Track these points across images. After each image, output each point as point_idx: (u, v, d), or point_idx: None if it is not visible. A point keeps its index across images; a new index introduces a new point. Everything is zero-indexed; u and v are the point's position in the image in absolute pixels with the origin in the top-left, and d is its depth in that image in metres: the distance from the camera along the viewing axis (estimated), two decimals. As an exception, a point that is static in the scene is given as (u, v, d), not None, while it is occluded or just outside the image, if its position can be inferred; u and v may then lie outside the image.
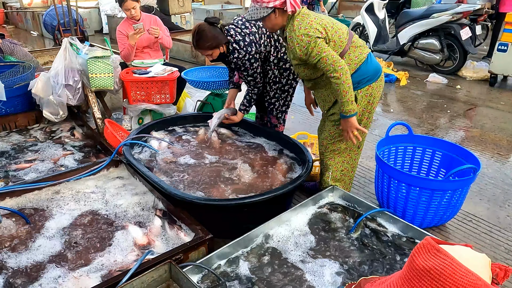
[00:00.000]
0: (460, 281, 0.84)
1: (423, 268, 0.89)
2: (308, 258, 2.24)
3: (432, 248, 0.91)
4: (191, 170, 2.98)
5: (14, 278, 2.03)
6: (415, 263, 0.91)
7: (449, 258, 0.87)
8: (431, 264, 0.88)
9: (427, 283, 0.88)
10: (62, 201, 2.68)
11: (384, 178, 2.75)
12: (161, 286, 1.95)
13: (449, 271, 0.85)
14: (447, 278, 0.85)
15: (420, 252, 0.92)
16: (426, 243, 0.93)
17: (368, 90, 2.56)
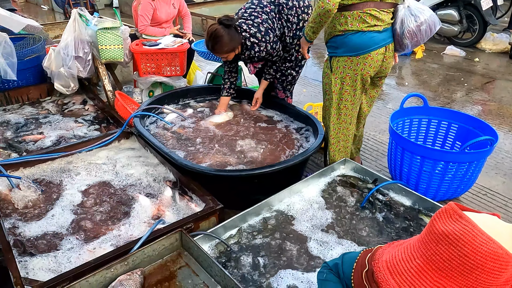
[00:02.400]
0: (480, 247, 0.81)
1: (441, 233, 0.86)
2: (318, 229, 2.23)
3: (454, 214, 0.87)
4: (202, 142, 2.97)
5: (29, 247, 2.07)
6: (434, 227, 0.88)
7: (470, 224, 0.84)
8: (451, 229, 0.85)
9: (444, 247, 0.85)
10: (75, 171, 2.70)
11: (398, 151, 2.69)
12: (172, 254, 1.97)
13: (469, 237, 0.82)
14: (466, 244, 0.82)
15: (441, 217, 0.89)
16: (448, 208, 0.90)
17: (347, 62, 2.50)
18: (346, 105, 2.67)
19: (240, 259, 2.00)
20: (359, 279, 1.17)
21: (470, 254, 0.82)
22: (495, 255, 0.80)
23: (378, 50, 2.47)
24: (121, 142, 3.09)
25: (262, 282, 1.88)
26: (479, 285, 0.82)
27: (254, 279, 1.90)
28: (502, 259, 0.80)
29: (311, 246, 2.11)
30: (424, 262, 0.87)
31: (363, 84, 2.60)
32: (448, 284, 0.84)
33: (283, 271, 1.95)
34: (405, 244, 0.98)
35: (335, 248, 2.10)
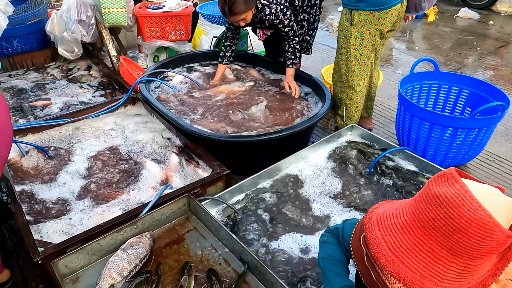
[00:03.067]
0: (466, 212, 0.81)
1: (433, 194, 0.86)
2: (324, 195, 2.24)
3: (451, 178, 0.87)
4: (209, 107, 2.95)
5: (40, 211, 2.12)
6: (429, 188, 0.89)
7: (463, 189, 0.83)
8: (443, 191, 0.85)
9: (433, 207, 0.86)
10: (83, 137, 2.71)
11: (406, 117, 2.66)
12: (180, 218, 2.01)
13: (458, 201, 0.82)
14: (453, 207, 0.82)
15: (438, 179, 0.89)
16: (447, 172, 0.90)
17: (369, 17, 2.52)
18: (363, 60, 2.68)
19: (246, 223, 2.04)
20: (357, 243, 1.18)
21: (455, 216, 0.82)
22: (481, 222, 0.80)
23: (397, 5, 2.50)
24: (127, 108, 3.08)
25: (269, 245, 1.92)
26: (460, 247, 0.83)
27: (260, 242, 1.94)
28: (488, 227, 0.80)
29: (317, 211, 2.13)
30: (410, 219, 0.89)
31: (380, 38, 2.64)
32: (429, 242, 0.86)
33: (289, 234, 1.98)
34: (400, 202, 1.00)
35: (340, 213, 2.12)
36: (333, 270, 1.31)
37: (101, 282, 1.62)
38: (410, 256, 0.87)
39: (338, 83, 2.88)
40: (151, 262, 1.76)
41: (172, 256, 1.80)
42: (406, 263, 0.87)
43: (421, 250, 0.86)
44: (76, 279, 1.68)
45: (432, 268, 0.86)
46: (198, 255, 1.80)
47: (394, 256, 0.88)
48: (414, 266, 0.87)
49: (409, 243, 0.88)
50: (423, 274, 0.86)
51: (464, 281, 0.87)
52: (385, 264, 0.89)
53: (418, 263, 0.87)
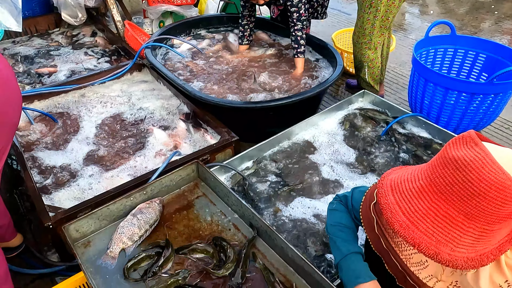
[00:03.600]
0: (487, 176, 0.77)
1: (451, 157, 0.82)
2: (334, 161, 2.21)
3: (470, 141, 0.83)
4: (217, 74, 2.89)
5: (49, 177, 2.12)
6: (447, 151, 0.84)
7: (483, 152, 0.79)
8: (462, 154, 0.80)
9: (451, 171, 0.81)
10: (89, 104, 2.69)
11: (420, 82, 2.57)
12: (189, 184, 1.99)
13: (478, 164, 0.78)
14: (472, 170, 0.78)
15: (456, 142, 0.85)
16: (466, 135, 0.85)
17: None
18: (388, 16, 2.64)
19: (255, 189, 2.02)
20: (367, 211, 1.16)
21: (474, 180, 0.78)
22: (502, 186, 0.76)
23: None
24: (133, 75, 3.03)
25: (278, 211, 1.91)
26: (477, 212, 0.80)
27: (269, 208, 1.93)
28: (509, 191, 0.76)
29: (326, 177, 2.11)
30: (427, 184, 0.85)
31: None
32: (445, 207, 0.83)
33: (298, 199, 1.97)
34: (415, 167, 0.96)
35: (350, 179, 2.09)
36: (342, 236, 1.29)
37: (112, 247, 1.63)
38: (426, 221, 0.84)
39: (358, 45, 2.80)
40: (163, 227, 1.76)
41: (181, 221, 1.80)
42: (422, 228, 0.84)
43: (437, 215, 0.83)
44: (88, 243, 1.69)
45: (448, 233, 0.83)
46: (208, 221, 1.80)
47: (409, 221, 0.85)
48: (430, 232, 0.84)
49: (424, 208, 0.85)
50: (439, 239, 0.84)
51: (480, 246, 0.84)
52: (400, 230, 0.86)
53: (434, 228, 0.84)
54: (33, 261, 1.92)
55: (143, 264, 1.59)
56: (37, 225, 2.09)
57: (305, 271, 1.48)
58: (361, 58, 2.82)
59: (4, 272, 1.55)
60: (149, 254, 1.61)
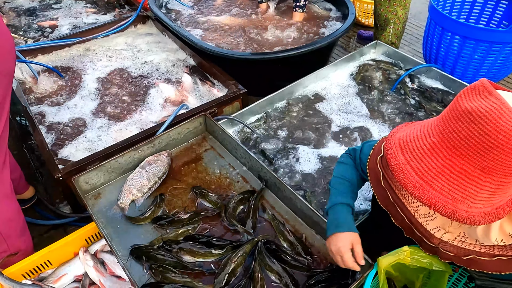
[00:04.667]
0: (505, 126, 0.72)
1: (465, 109, 0.76)
2: (344, 112, 2.16)
3: (484, 90, 0.77)
4: (225, 25, 2.79)
5: (57, 131, 2.11)
6: (459, 103, 0.78)
7: (499, 101, 0.73)
8: (476, 106, 0.75)
9: (465, 124, 0.76)
10: (95, 57, 2.63)
11: (436, 31, 2.45)
12: (197, 137, 1.98)
13: (495, 114, 0.73)
14: (489, 122, 0.73)
15: (468, 93, 0.78)
16: (478, 84, 0.78)
17: None
18: None
19: (264, 142, 2.00)
20: (373, 164, 1.13)
21: (492, 132, 0.73)
22: None
23: None
24: (137, 27, 2.94)
25: (286, 162, 1.89)
26: (495, 165, 0.76)
27: (278, 159, 1.91)
28: None
29: (336, 129, 2.07)
30: (439, 140, 0.80)
31: None
32: (460, 163, 0.78)
33: (307, 151, 1.95)
34: (424, 122, 0.90)
35: (361, 131, 2.06)
36: (339, 188, 1.28)
37: (122, 198, 1.64)
38: (440, 179, 0.80)
39: (385, 2, 2.55)
40: (171, 180, 1.77)
41: (190, 174, 1.80)
42: (436, 187, 0.81)
43: (452, 172, 0.79)
44: (98, 195, 1.71)
45: (465, 190, 0.80)
46: (216, 174, 1.79)
47: (423, 181, 0.82)
48: (445, 190, 0.80)
49: (438, 166, 0.80)
50: (455, 197, 0.80)
51: (496, 199, 0.82)
52: (413, 191, 0.82)
53: (450, 186, 0.80)
54: (47, 213, 1.96)
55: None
56: (48, 178, 2.12)
57: (314, 221, 1.48)
58: (388, 16, 2.57)
59: (22, 223, 1.59)
60: (156, 203, 1.63)
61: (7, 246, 1.51)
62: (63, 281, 1.49)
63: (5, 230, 1.48)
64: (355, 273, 1.34)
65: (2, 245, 1.50)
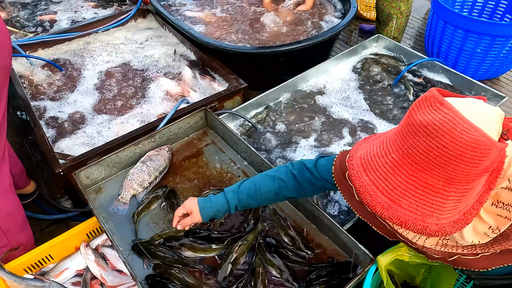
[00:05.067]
0: (460, 137, 0.72)
1: (420, 123, 0.76)
2: (346, 107, 2.15)
3: (435, 101, 0.76)
4: (225, 19, 2.77)
5: (58, 125, 2.11)
6: (413, 117, 0.78)
7: (452, 112, 0.74)
8: (430, 119, 0.74)
9: (422, 139, 0.75)
10: (94, 52, 2.62)
11: (438, 24, 2.44)
12: (198, 132, 1.97)
13: (449, 126, 0.73)
14: (445, 134, 0.73)
15: (421, 105, 0.78)
16: (429, 95, 0.78)
17: None
18: None
19: (265, 137, 2.00)
20: (342, 181, 1.12)
21: (448, 144, 0.73)
22: (477, 143, 0.72)
23: None
24: (138, 21, 2.92)
25: (287, 157, 1.89)
26: (457, 175, 0.76)
27: (279, 154, 1.91)
28: (484, 147, 0.72)
29: (338, 123, 2.06)
30: (400, 156, 0.79)
31: None
32: (424, 177, 0.78)
33: (308, 145, 1.94)
34: (382, 137, 0.89)
35: (362, 125, 2.05)
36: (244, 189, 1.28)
37: (123, 193, 1.64)
38: (407, 196, 0.79)
39: None
40: (173, 174, 1.77)
41: (191, 169, 1.80)
42: (404, 205, 0.80)
43: (417, 188, 0.79)
44: (99, 189, 1.71)
45: (432, 203, 0.79)
46: (217, 168, 1.79)
47: (390, 200, 0.80)
48: (413, 206, 0.79)
49: (403, 183, 0.79)
50: (424, 212, 0.79)
51: (463, 205, 0.82)
52: (382, 212, 0.81)
53: (417, 202, 0.79)
54: (48, 208, 1.97)
55: (153, 207, 1.61)
56: (49, 173, 2.12)
57: (315, 216, 1.48)
58: (390, 11, 2.54)
59: (22, 217, 1.59)
60: (156, 195, 1.63)
61: (7, 241, 1.51)
62: (64, 275, 1.50)
63: (4, 225, 1.48)
64: (356, 268, 1.34)
65: (2, 240, 1.50)
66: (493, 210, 0.90)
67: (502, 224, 0.90)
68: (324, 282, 1.31)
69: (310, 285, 1.31)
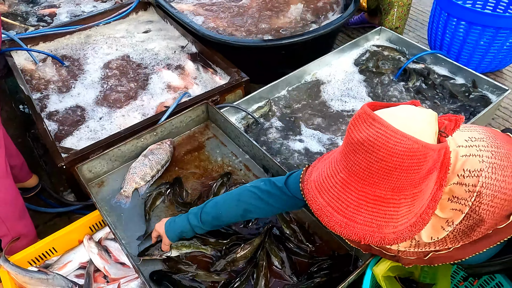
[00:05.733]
0: (394, 148, 0.75)
1: (357, 141, 0.79)
2: (349, 99, 2.15)
3: (367, 118, 0.79)
4: (226, 11, 2.75)
5: (60, 119, 2.11)
6: (351, 136, 0.81)
7: (383, 126, 0.77)
8: (365, 135, 0.78)
9: (362, 155, 0.79)
10: (96, 45, 2.61)
11: (441, 16, 2.42)
12: (200, 126, 1.98)
13: (382, 139, 0.76)
14: (380, 148, 0.76)
15: (356, 123, 0.81)
16: (361, 113, 0.81)
17: None
18: None
19: (266, 130, 2.00)
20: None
21: (385, 157, 0.76)
22: (411, 152, 0.75)
23: None
24: (139, 14, 2.91)
25: (289, 150, 1.89)
26: (402, 183, 0.79)
27: (281, 147, 1.91)
28: (419, 153, 0.75)
29: (339, 116, 2.06)
30: (347, 175, 0.83)
31: None
32: (372, 191, 0.81)
33: (311, 137, 1.94)
34: (331, 157, 0.92)
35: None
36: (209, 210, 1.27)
37: (125, 186, 1.65)
38: (361, 212, 0.82)
39: None
40: (174, 168, 1.77)
41: (193, 162, 1.80)
42: (360, 220, 0.83)
43: (368, 202, 0.82)
44: (101, 183, 1.72)
45: (385, 214, 0.82)
46: (219, 162, 1.79)
47: (346, 218, 0.83)
48: (368, 220, 0.82)
49: (354, 200, 0.82)
50: (379, 224, 0.82)
51: (417, 207, 0.85)
52: (341, 230, 0.84)
53: (371, 215, 0.82)
54: (51, 201, 1.98)
55: (158, 202, 1.62)
56: (52, 167, 2.13)
57: (317, 209, 1.48)
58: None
59: (21, 207, 1.60)
60: (159, 191, 1.64)
61: (7, 229, 1.51)
62: (68, 268, 1.51)
63: (3, 212, 1.49)
64: (357, 261, 1.35)
65: (2, 228, 1.50)
66: (448, 205, 0.94)
67: (456, 217, 0.94)
68: (325, 274, 1.32)
69: (311, 278, 1.32)
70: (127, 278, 1.45)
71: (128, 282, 1.44)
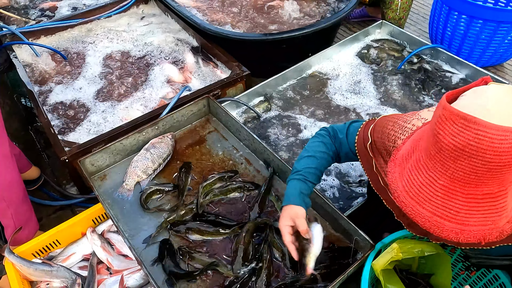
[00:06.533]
0: (501, 147, 0.71)
1: (455, 147, 0.75)
2: (350, 93, 2.16)
3: (457, 119, 0.74)
4: (227, 5, 2.75)
5: (62, 113, 2.13)
6: (443, 142, 0.76)
7: (481, 126, 0.72)
8: (464, 140, 0.73)
9: (465, 161, 0.75)
10: (97, 39, 2.62)
11: (442, 10, 2.41)
12: (201, 119, 1.99)
13: (486, 141, 0.71)
14: (486, 151, 0.72)
15: (445, 127, 0.76)
16: (448, 114, 0.76)
17: None
18: None
19: (267, 124, 2.01)
20: (363, 150, 1.15)
21: (493, 158, 0.73)
22: None
23: None
24: (140, 8, 2.91)
25: (291, 144, 1.91)
26: (510, 176, 0.76)
27: (281, 142, 1.93)
28: None
29: (341, 110, 2.07)
30: (448, 181, 0.79)
31: None
32: (480, 190, 0.78)
33: (312, 131, 1.95)
34: (414, 162, 0.87)
35: (367, 110, 2.05)
36: (303, 161, 1.26)
37: (127, 180, 1.67)
38: (473, 214, 0.80)
39: None
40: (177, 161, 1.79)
41: (194, 156, 1.82)
42: (473, 223, 0.81)
43: (478, 202, 0.79)
44: (104, 176, 1.73)
45: (497, 208, 0.80)
46: (220, 156, 1.81)
47: (459, 224, 0.81)
48: (482, 219, 0.80)
49: (463, 204, 0.80)
50: (494, 219, 0.81)
51: None
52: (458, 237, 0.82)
53: (484, 214, 0.80)
54: (54, 194, 2.00)
55: (154, 196, 1.64)
56: (55, 160, 2.15)
57: (317, 203, 1.50)
58: None
59: (23, 190, 1.62)
60: (159, 188, 1.65)
61: (11, 215, 1.53)
62: (71, 260, 1.54)
63: (8, 195, 1.51)
64: (356, 253, 1.37)
65: (6, 213, 1.52)
66: None
67: None
68: (324, 267, 1.34)
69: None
70: (130, 270, 1.48)
71: (130, 274, 1.46)
